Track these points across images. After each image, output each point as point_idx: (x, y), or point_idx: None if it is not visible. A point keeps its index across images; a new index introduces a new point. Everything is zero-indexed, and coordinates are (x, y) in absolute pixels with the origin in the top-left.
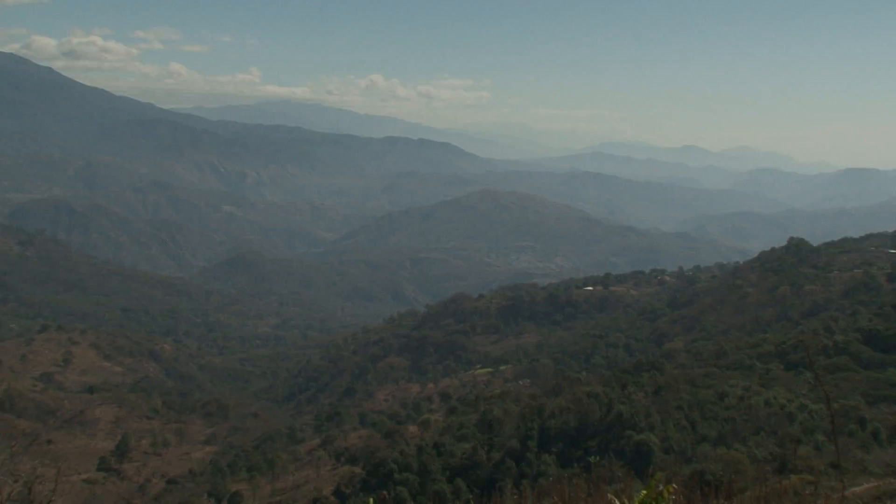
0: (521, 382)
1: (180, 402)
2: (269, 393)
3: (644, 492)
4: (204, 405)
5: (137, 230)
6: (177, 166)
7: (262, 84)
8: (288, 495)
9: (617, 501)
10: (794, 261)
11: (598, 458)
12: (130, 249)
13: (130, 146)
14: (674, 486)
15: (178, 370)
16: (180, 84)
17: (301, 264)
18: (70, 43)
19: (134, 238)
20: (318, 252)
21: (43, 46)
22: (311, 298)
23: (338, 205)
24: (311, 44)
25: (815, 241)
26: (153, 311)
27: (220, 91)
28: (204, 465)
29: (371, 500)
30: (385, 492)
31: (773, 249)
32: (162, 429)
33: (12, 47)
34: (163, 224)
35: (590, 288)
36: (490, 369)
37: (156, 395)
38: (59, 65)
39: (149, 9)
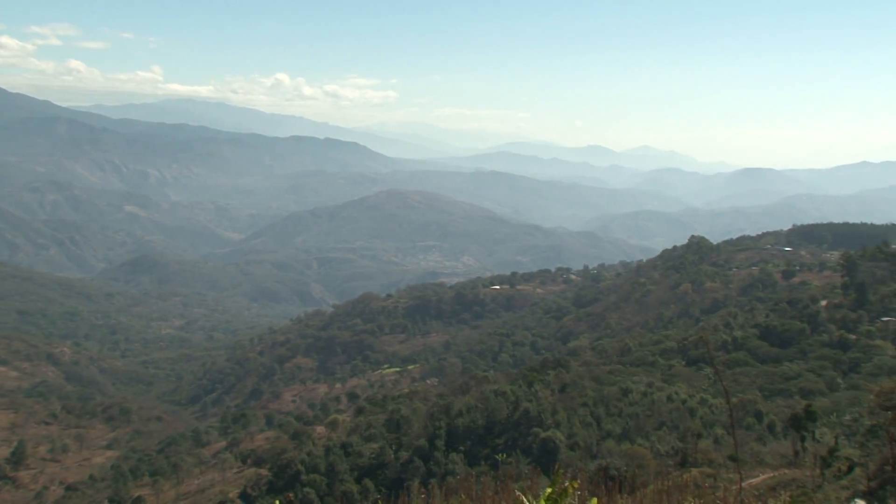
0: (428, 381)
1: (80, 406)
2: (173, 395)
3: (549, 488)
4: (105, 409)
5: (34, 231)
6: (76, 165)
7: (164, 82)
8: (193, 499)
9: (523, 498)
10: (694, 258)
11: (505, 455)
12: (27, 251)
13: (26, 144)
14: (578, 481)
15: (78, 374)
16: (79, 81)
17: (206, 265)
18: None
19: (31, 239)
20: (224, 252)
21: None
22: (216, 299)
23: (243, 205)
24: (215, 42)
25: (715, 238)
26: (52, 314)
27: (122, 89)
28: (105, 470)
29: (277, 502)
30: (292, 493)
31: (674, 247)
32: (61, 434)
33: None
34: (61, 224)
35: (497, 287)
36: (398, 369)
37: (54, 399)
38: None
39: (44, 4)
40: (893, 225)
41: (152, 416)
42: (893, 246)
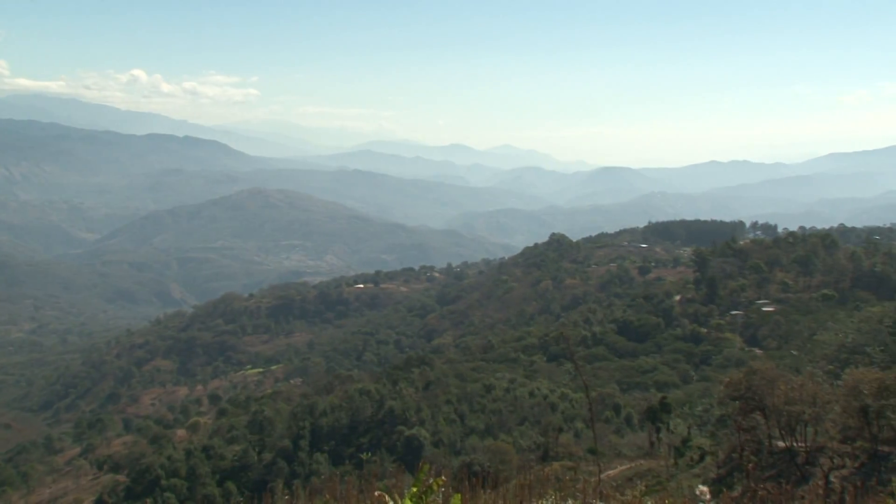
0: (292, 381)
1: None
2: (23, 402)
3: (414, 486)
4: None
5: None
6: None
7: (11, 77)
8: None
9: (387, 497)
10: (555, 255)
11: (369, 454)
12: None
13: None
14: (442, 478)
15: None
16: None
17: (59, 266)
18: None
19: None
20: (78, 253)
21: None
22: (70, 302)
23: (98, 204)
24: (66, 35)
25: (574, 236)
26: None
27: None
28: None
29: None
30: (151, 499)
31: (536, 245)
32: None
33: None
34: None
35: (360, 286)
36: (261, 369)
37: None
38: None
39: None
40: (741, 222)
41: (0, 423)
42: (741, 242)
